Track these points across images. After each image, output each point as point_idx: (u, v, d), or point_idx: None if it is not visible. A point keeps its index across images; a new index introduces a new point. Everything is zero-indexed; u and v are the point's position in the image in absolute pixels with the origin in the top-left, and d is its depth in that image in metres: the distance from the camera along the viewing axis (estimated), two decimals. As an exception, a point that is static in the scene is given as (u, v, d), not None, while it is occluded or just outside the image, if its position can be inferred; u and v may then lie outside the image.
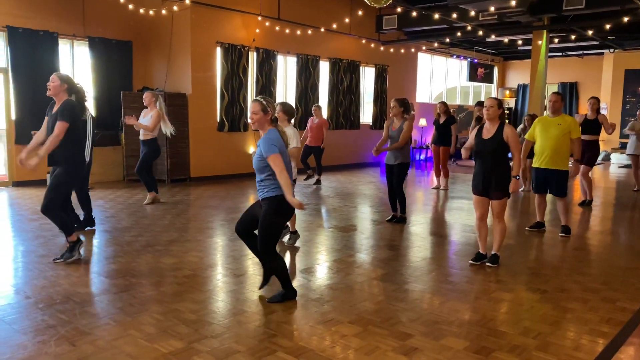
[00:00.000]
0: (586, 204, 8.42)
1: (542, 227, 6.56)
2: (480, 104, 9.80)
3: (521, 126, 10.23)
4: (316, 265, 5.01)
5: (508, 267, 5.00)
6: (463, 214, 7.64)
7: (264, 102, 3.87)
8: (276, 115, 5.32)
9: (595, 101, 8.53)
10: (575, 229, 6.90)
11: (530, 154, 10.27)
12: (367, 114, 14.99)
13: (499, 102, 4.87)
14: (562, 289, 4.33)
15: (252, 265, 4.93)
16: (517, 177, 4.87)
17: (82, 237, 5.09)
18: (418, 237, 6.24)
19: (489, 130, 4.85)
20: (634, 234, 6.76)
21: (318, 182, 10.62)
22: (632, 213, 8.28)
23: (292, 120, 5.61)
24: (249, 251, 5.42)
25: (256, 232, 3.98)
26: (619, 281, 4.58)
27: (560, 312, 3.83)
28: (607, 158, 16.69)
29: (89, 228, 6.24)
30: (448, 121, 9.93)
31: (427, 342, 3.30)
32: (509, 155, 4.89)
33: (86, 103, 5.54)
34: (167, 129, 7.83)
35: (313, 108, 10.76)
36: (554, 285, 4.44)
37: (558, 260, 5.35)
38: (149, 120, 7.69)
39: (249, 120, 3.91)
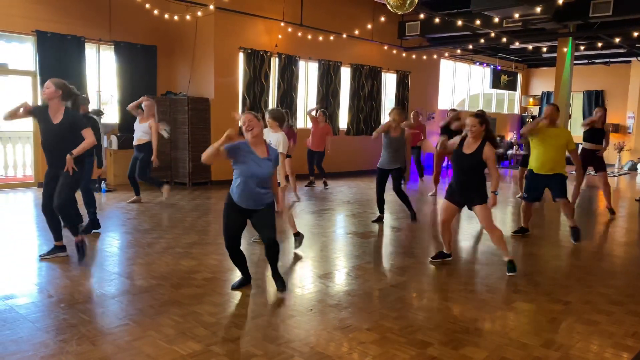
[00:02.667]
0: (611, 212, 8.25)
1: (527, 232, 6.62)
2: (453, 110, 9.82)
3: None
4: (334, 271, 5.00)
5: (529, 277, 4.92)
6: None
7: (256, 114, 4.14)
8: (266, 121, 5.50)
9: (602, 111, 8.54)
10: (600, 240, 6.77)
11: (524, 163, 10.20)
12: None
13: (481, 120, 4.89)
14: (585, 301, 4.24)
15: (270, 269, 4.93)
16: (496, 192, 4.90)
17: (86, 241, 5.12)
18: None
19: (469, 146, 4.92)
20: (661, 246, 6.59)
21: (325, 184, 10.94)
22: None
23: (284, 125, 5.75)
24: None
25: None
26: (644, 294, 4.47)
27: (584, 325, 3.74)
28: (633, 168, 16.34)
29: (94, 231, 6.18)
30: (460, 130, 9.69)
31: (446, 351, 3.26)
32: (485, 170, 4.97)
33: (90, 108, 5.65)
34: (163, 131, 8.17)
35: (318, 113, 10.88)
36: (577, 297, 4.34)
37: (582, 271, 5.25)
38: (146, 129, 7.83)
39: (248, 128, 4.06)
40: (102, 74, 10.41)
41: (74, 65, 9.63)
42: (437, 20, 11.49)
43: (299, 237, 5.72)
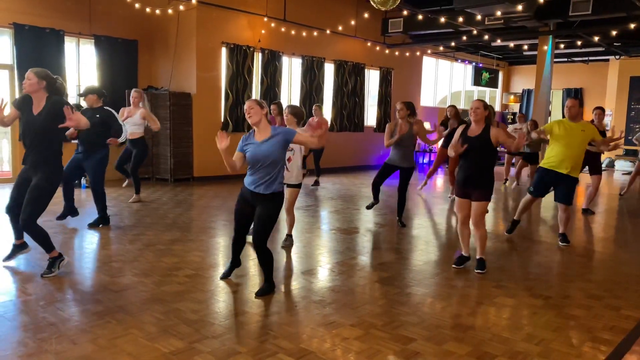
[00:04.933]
0: (589, 212, 8.36)
1: (518, 223, 6.50)
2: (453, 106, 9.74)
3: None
4: (318, 268, 5.00)
5: (510, 272, 4.98)
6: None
7: (258, 99, 4.19)
8: (285, 118, 5.39)
9: (602, 112, 8.46)
10: (579, 236, 6.88)
11: (531, 157, 10.27)
12: (371, 117, 14.98)
13: (485, 104, 4.90)
14: (565, 296, 4.31)
15: (254, 266, 4.91)
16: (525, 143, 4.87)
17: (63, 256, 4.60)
18: (421, 241, 6.21)
19: (474, 130, 4.89)
20: (638, 241, 6.72)
21: (316, 183, 10.61)
22: (637, 220, 8.24)
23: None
24: (251, 251, 5.42)
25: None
26: (622, 288, 4.56)
27: (564, 319, 3.80)
28: (611, 165, 16.64)
29: (102, 225, 6.33)
30: (459, 126, 9.45)
31: (429, 346, 3.28)
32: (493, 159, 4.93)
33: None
34: (154, 125, 7.87)
35: (314, 108, 10.78)
36: (557, 292, 4.41)
37: (561, 266, 5.33)
38: (136, 120, 7.67)
39: (247, 115, 4.06)
40: (82, 69, 10.23)
41: (53, 59, 9.45)
42: (420, 17, 11.54)
43: (290, 239, 5.70)
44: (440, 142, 9.27)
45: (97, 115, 6.19)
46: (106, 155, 6.35)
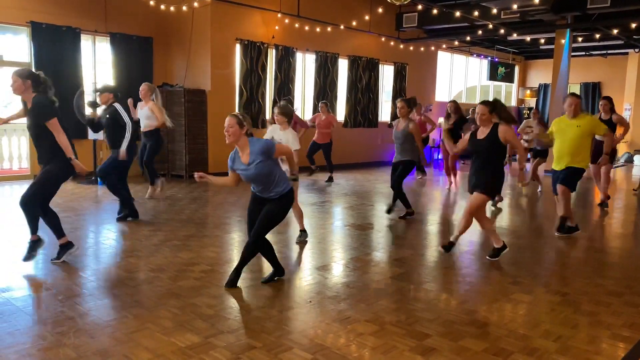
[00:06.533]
0: (604, 205, 8.23)
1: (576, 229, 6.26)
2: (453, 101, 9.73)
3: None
4: (332, 263, 4.99)
5: (527, 268, 4.92)
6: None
7: (240, 116, 4.10)
8: (275, 118, 5.55)
9: (607, 102, 8.32)
10: (597, 232, 6.79)
11: (541, 153, 10.14)
12: (385, 112, 14.91)
13: (490, 108, 4.96)
14: (583, 292, 4.25)
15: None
16: (525, 170, 5.18)
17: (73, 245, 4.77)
18: (435, 237, 6.18)
19: (482, 132, 5.01)
20: (658, 237, 6.61)
21: (330, 179, 10.58)
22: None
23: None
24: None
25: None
26: (642, 285, 4.48)
27: (582, 316, 3.75)
28: (630, 160, 16.37)
29: (130, 219, 6.43)
30: (459, 121, 9.21)
31: (444, 342, 3.26)
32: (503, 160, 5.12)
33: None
34: (156, 121, 7.80)
35: (320, 105, 10.77)
36: (575, 288, 4.35)
37: (579, 262, 5.26)
38: (147, 114, 7.60)
39: (226, 133, 4.11)
40: (97, 66, 10.33)
41: (70, 56, 9.54)
42: (434, 11, 11.44)
43: (304, 233, 5.71)
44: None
45: (107, 116, 6.28)
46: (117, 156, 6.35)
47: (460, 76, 17.67)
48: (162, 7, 10.30)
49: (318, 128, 10.47)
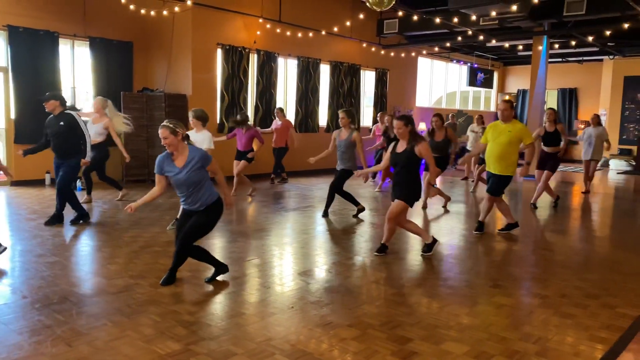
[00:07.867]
0: (535, 207, 8.45)
1: (515, 226, 6.62)
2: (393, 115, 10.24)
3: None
4: (315, 268, 4.99)
5: (508, 271, 4.98)
6: (462, 218, 7.63)
7: (171, 125, 4.12)
8: (190, 122, 5.86)
9: (552, 112, 8.53)
10: (575, 234, 6.90)
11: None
12: (367, 117, 14.99)
13: (405, 122, 5.21)
14: (562, 295, 4.32)
15: (250, 267, 4.91)
16: (434, 185, 5.37)
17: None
18: (417, 241, 6.21)
19: (401, 145, 5.27)
20: (634, 240, 6.74)
21: (284, 180, 11.09)
22: (632, 219, 8.27)
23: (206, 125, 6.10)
24: (248, 253, 5.42)
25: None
26: (618, 287, 4.57)
27: (560, 318, 3.81)
28: (605, 164, 16.70)
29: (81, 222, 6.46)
30: (446, 141, 8.16)
31: (426, 346, 3.27)
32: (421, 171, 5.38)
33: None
34: (123, 128, 7.80)
35: (275, 111, 11.09)
36: (554, 291, 4.42)
37: (558, 265, 5.33)
38: (100, 130, 7.50)
39: (164, 145, 4.14)
40: (76, 70, 10.19)
41: (48, 61, 9.41)
42: (415, 17, 11.56)
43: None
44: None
45: (61, 123, 6.13)
46: (78, 163, 6.34)
47: (441, 82, 17.86)
48: (143, 11, 10.22)
49: (276, 133, 10.83)
